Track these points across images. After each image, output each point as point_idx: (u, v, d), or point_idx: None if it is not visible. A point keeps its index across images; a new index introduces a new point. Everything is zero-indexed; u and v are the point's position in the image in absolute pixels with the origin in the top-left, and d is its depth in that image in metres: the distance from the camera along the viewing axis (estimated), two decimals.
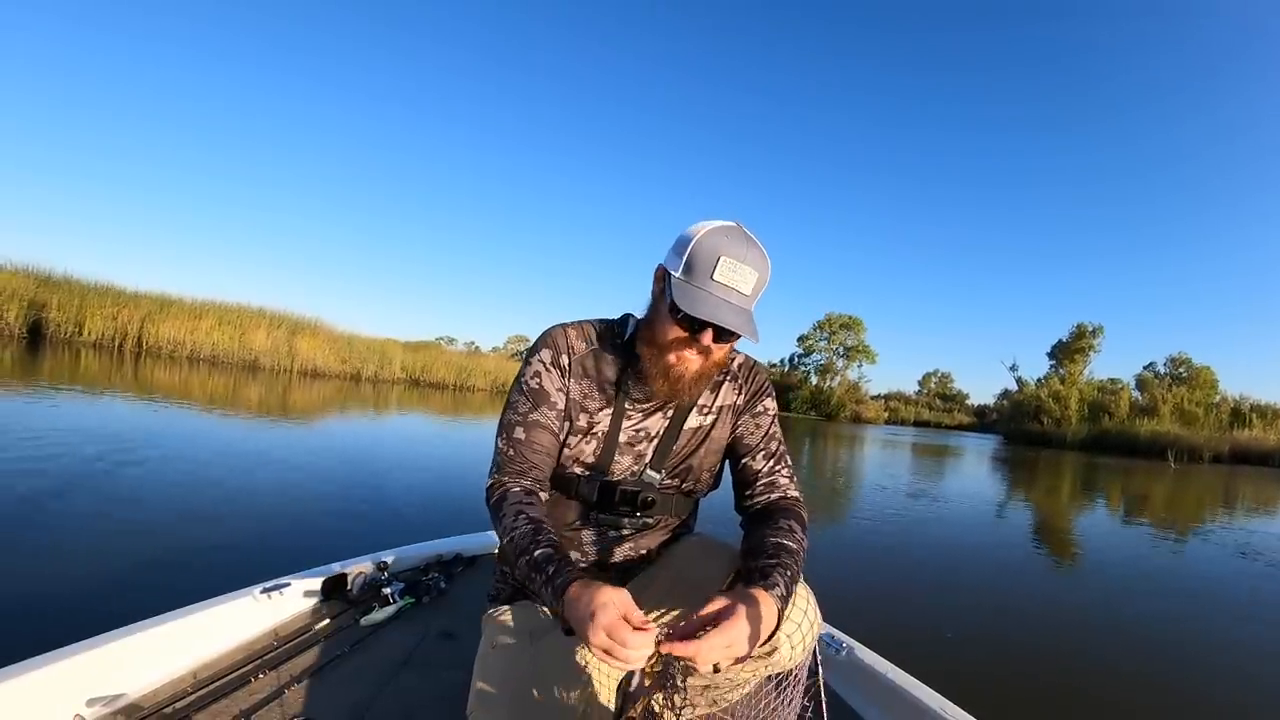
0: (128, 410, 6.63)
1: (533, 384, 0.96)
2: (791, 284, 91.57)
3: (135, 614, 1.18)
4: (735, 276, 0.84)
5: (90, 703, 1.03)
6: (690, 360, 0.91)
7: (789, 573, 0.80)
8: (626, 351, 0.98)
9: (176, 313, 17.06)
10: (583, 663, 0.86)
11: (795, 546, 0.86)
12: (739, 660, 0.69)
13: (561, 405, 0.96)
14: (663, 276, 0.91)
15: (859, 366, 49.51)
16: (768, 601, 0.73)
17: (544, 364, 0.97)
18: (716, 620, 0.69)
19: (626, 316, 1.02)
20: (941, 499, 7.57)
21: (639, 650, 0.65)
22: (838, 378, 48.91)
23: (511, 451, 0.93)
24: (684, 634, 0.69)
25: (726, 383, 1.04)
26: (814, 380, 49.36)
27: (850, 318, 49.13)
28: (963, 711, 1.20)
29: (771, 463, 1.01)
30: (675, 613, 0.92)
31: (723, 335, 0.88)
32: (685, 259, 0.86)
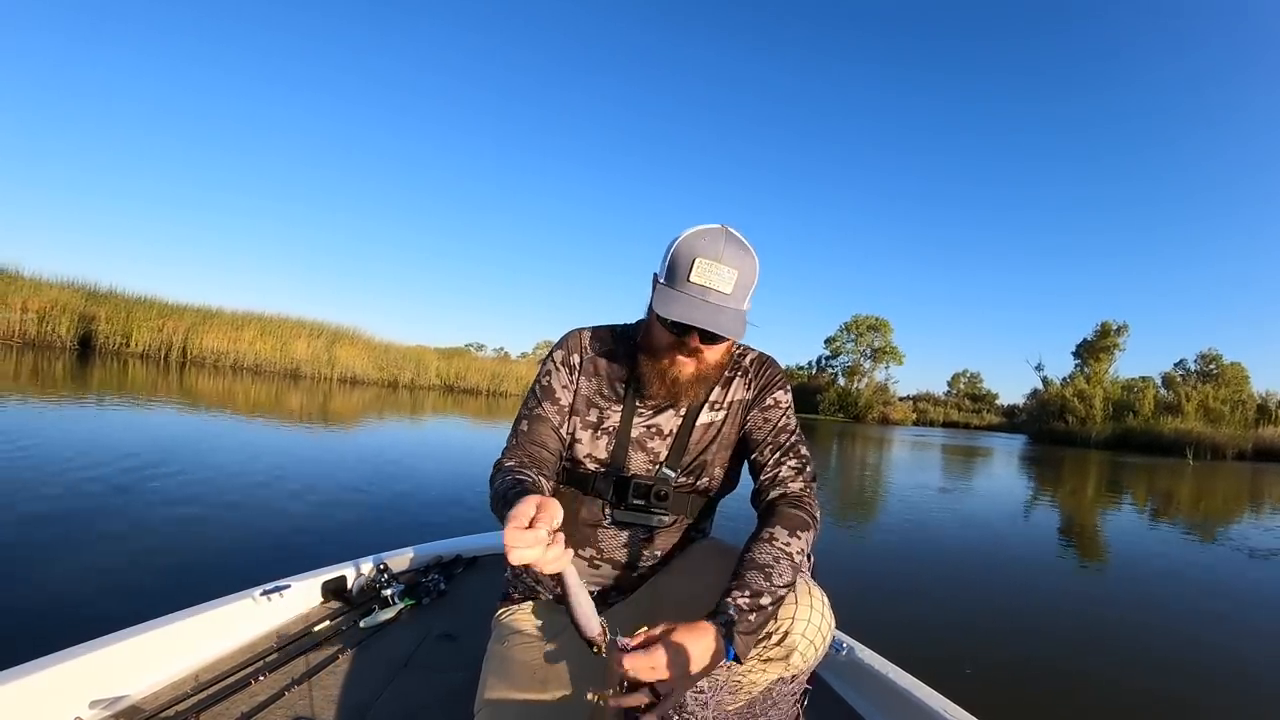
0: (152, 418, 6.85)
1: (544, 382, 1.00)
2: (818, 286, 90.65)
3: (136, 616, 1.20)
4: (712, 276, 0.85)
5: (92, 704, 1.05)
6: (684, 364, 0.93)
7: (748, 591, 0.79)
8: (638, 352, 1.00)
9: (219, 324, 17.78)
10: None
11: (767, 557, 0.83)
12: (672, 682, 0.71)
13: (566, 401, 1.00)
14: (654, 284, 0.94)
15: (886, 368, 48.77)
16: (708, 634, 0.74)
17: (555, 363, 1.01)
18: (656, 641, 0.71)
19: (641, 321, 1.04)
20: (957, 500, 7.56)
21: (517, 549, 0.64)
22: (865, 379, 48.15)
23: (515, 441, 0.97)
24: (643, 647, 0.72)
25: (737, 378, 1.04)
26: (841, 382, 48.71)
27: (877, 319, 48.38)
28: (965, 713, 1.16)
29: (779, 456, 0.99)
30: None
31: (710, 337, 0.88)
32: (666, 264, 0.89)
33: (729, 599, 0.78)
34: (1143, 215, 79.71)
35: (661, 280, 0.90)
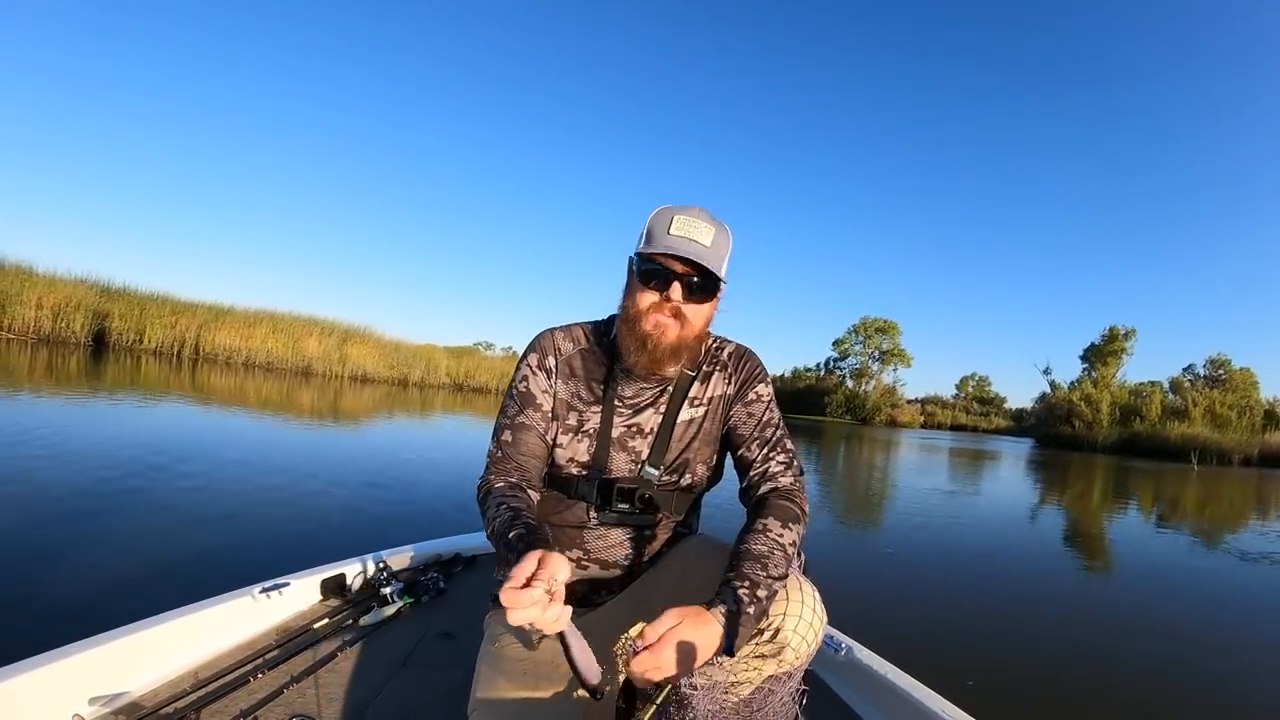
0: (159, 415, 6.91)
1: (521, 387, 0.99)
2: (826, 288, 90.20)
3: (136, 613, 1.20)
4: (690, 229, 0.90)
5: (91, 701, 1.05)
6: (666, 325, 0.92)
7: (747, 582, 0.78)
8: (613, 350, 0.99)
9: (231, 321, 17.94)
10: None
11: (762, 549, 0.83)
12: (678, 676, 0.71)
13: (548, 406, 0.98)
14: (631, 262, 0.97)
15: (894, 370, 48.63)
16: (710, 623, 0.73)
17: (531, 367, 1.00)
18: (661, 637, 0.71)
19: (614, 317, 1.02)
20: (962, 502, 7.57)
21: (516, 610, 0.63)
22: (873, 382, 47.94)
23: (500, 454, 0.96)
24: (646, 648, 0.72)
25: (716, 373, 1.03)
26: (849, 384, 48.53)
27: (886, 321, 48.25)
28: (963, 712, 1.16)
29: (766, 450, 0.98)
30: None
31: (692, 291, 0.91)
32: (644, 235, 0.93)
33: (730, 587, 0.77)
34: (1152, 216, 79.01)
35: (640, 247, 0.93)
